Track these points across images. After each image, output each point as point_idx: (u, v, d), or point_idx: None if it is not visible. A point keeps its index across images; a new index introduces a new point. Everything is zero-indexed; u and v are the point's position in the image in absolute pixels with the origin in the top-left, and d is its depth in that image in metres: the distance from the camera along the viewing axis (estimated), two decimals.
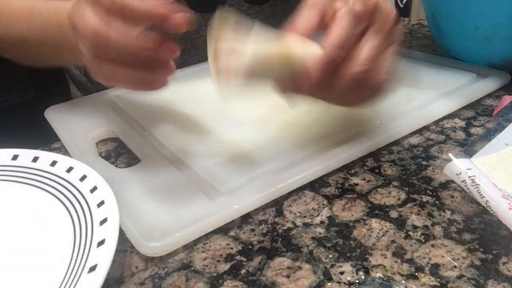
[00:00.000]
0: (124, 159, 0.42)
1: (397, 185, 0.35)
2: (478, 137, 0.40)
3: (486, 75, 0.49)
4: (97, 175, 0.33)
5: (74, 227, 0.30)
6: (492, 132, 0.40)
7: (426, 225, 0.31)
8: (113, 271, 0.29)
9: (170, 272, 0.29)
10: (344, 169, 0.37)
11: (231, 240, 0.31)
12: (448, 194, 0.33)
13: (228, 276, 0.28)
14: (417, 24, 0.73)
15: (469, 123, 0.43)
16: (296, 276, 0.27)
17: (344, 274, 0.27)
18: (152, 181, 0.36)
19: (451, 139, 0.41)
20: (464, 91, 0.46)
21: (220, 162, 0.38)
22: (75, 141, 0.43)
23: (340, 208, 0.33)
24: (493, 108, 0.45)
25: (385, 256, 0.28)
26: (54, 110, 0.50)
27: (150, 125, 0.45)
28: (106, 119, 0.47)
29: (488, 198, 0.29)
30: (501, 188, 0.29)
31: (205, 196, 0.33)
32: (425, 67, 0.53)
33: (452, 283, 0.26)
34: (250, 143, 0.40)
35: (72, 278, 0.26)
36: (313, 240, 0.30)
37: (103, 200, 0.31)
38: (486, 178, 0.29)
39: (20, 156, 0.37)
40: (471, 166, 0.30)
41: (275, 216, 0.33)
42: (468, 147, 0.38)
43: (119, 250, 0.30)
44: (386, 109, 0.43)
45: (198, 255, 0.30)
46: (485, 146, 0.37)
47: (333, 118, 0.43)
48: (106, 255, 0.26)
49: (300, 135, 0.41)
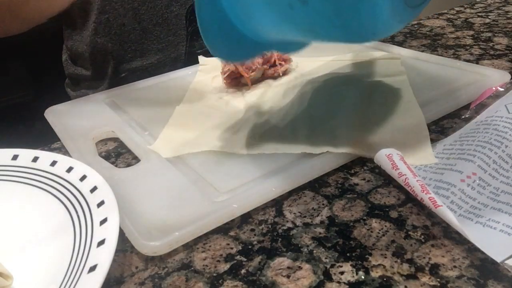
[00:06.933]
0: (124, 159, 0.42)
1: (397, 185, 0.35)
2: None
3: (487, 75, 0.49)
4: (97, 175, 0.33)
5: (74, 227, 0.30)
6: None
7: (426, 225, 0.31)
8: (113, 271, 0.29)
9: (170, 272, 0.29)
10: (344, 169, 0.37)
11: (231, 240, 0.31)
12: None
13: (228, 276, 0.28)
14: (417, 24, 0.73)
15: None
16: (296, 276, 0.27)
17: (344, 274, 0.27)
18: (152, 181, 0.36)
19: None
20: (464, 91, 0.46)
21: (220, 162, 0.38)
22: (75, 141, 0.43)
23: (340, 208, 0.33)
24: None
25: (385, 256, 0.28)
26: (54, 110, 0.50)
27: (150, 125, 0.45)
28: (106, 119, 0.47)
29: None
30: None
31: (205, 196, 0.33)
32: (425, 67, 0.53)
33: (452, 283, 0.26)
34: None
35: (72, 278, 0.26)
36: (313, 240, 0.30)
37: (103, 200, 0.31)
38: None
39: (20, 156, 0.37)
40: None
41: (275, 216, 0.33)
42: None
43: (119, 250, 0.30)
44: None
45: (198, 255, 0.30)
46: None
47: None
48: (106, 255, 0.26)
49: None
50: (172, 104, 0.49)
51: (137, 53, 0.67)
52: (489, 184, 0.32)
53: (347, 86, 0.50)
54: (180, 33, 0.67)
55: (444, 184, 0.32)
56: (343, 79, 0.52)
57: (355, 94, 0.48)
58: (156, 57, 0.68)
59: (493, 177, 0.32)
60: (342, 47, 0.61)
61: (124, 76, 0.68)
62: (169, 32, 0.66)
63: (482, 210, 0.30)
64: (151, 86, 0.56)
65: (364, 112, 0.44)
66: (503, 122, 0.36)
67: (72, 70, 0.73)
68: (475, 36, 0.65)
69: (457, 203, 0.31)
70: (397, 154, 0.34)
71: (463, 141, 0.36)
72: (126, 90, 0.55)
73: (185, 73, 0.58)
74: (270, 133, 0.42)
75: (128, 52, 0.66)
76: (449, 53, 0.60)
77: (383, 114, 0.43)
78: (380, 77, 0.51)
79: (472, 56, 0.58)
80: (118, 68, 0.68)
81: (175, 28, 0.66)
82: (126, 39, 0.65)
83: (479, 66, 0.52)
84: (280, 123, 0.43)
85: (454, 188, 0.32)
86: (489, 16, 0.74)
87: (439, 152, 0.37)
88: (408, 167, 0.33)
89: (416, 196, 0.31)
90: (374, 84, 0.49)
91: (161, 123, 0.45)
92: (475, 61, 0.56)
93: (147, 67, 0.68)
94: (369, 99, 0.46)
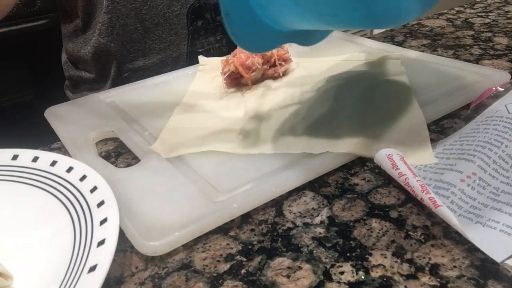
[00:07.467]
0: (124, 159, 0.42)
1: (397, 185, 0.35)
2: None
3: (487, 75, 0.49)
4: (97, 175, 0.33)
5: (74, 227, 0.30)
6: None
7: (426, 225, 0.31)
8: (113, 271, 0.29)
9: (170, 272, 0.29)
10: (344, 169, 0.37)
11: (231, 240, 0.31)
12: None
13: (228, 276, 0.28)
14: (417, 24, 0.73)
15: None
16: (296, 276, 0.27)
17: (344, 274, 0.27)
18: (152, 181, 0.36)
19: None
20: (464, 91, 0.46)
21: (220, 162, 0.38)
22: (75, 141, 0.43)
23: (340, 208, 0.33)
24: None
25: (385, 256, 0.28)
26: (54, 110, 0.50)
27: (150, 125, 0.45)
28: (106, 119, 0.47)
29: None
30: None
31: (205, 196, 0.33)
32: (425, 67, 0.53)
33: (452, 283, 0.26)
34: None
35: (72, 278, 0.26)
36: (313, 240, 0.30)
37: (103, 200, 0.31)
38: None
39: (20, 156, 0.37)
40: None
41: (275, 216, 0.33)
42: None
43: (119, 250, 0.30)
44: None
45: (198, 255, 0.30)
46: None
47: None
48: (106, 255, 0.26)
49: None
50: (172, 104, 0.49)
51: (140, 53, 0.67)
52: (489, 184, 0.32)
53: (347, 86, 0.50)
54: (182, 32, 0.67)
55: (444, 184, 0.32)
56: (343, 79, 0.52)
57: (355, 94, 0.48)
58: (158, 57, 0.68)
59: (493, 177, 0.32)
60: (342, 48, 0.61)
61: (126, 76, 0.68)
62: (171, 31, 0.66)
63: (482, 210, 0.30)
64: (151, 86, 0.56)
65: (364, 112, 0.44)
66: (503, 122, 0.36)
67: (73, 73, 0.73)
68: (475, 36, 0.65)
69: (457, 203, 0.31)
70: (397, 154, 0.34)
71: (463, 141, 0.36)
72: (126, 90, 0.55)
73: (185, 73, 0.58)
74: (270, 133, 0.42)
75: (131, 52, 0.67)
76: (449, 53, 0.60)
77: (383, 114, 0.43)
78: (380, 77, 0.51)
79: (472, 56, 0.58)
80: (120, 68, 0.68)
81: (177, 27, 0.67)
82: (129, 39, 0.65)
83: (479, 66, 0.52)
84: (280, 123, 0.43)
85: (454, 188, 0.32)
86: (489, 16, 0.74)
87: (439, 152, 0.37)
88: (408, 167, 0.33)
89: (416, 196, 0.31)
90: (374, 84, 0.49)
91: (161, 123, 0.45)
92: (475, 61, 0.56)
93: (150, 67, 0.68)
94: (369, 99, 0.46)
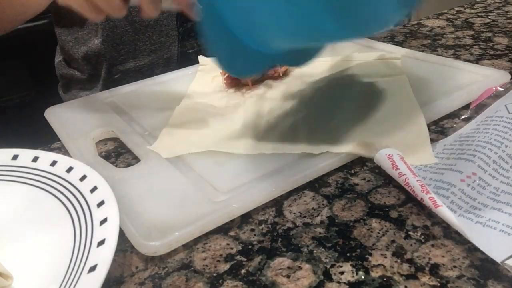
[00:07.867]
0: (124, 159, 0.42)
1: (397, 185, 0.35)
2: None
3: (487, 75, 0.49)
4: (97, 175, 0.33)
5: (74, 227, 0.30)
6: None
7: (426, 225, 0.31)
8: (113, 271, 0.29)
9: (170, 272, 0.29)
10: (344, 169, 0.37)
11: (231, 240, 0.31)
12: None
13: (228, 276, 0.28)
14: (417, 24, 0.73)
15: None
16: (296, 276, 0.27)
17: (344, 274, 0.27)
18: (152, 181, 0.36)
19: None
20: (464, 91, 0.46)
21: (220, 162, 0.38)
22: (75, 141, 0.43)
23: (340, 208, 0.33)
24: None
25: (385, 256, 0.28)
26: (54, 110, 0.50)
27: (150, 125, 0.45)
28: (106, 119, 0.47)
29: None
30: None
31: (205, 196, 0.33)
32: (425, 67, 0.53)
33: (452, 283, 0.26)
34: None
35: (72, 278, 0.26)
36: (313, 240, 0.30)
37: (103, 200, 0.31)
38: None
39: (20, 156, 0.37)
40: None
41: (275, 216, 0.33)
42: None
43: (119, 250, 0.30)
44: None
45: (198, 255, 0.30)
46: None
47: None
48: (106, 255, 0.26)
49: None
50: (172, 104, 0.49)
51: (130, 54, 0.67)
52: (489, 184, 0.32)
53: (347, 86, 0.50)
54: (172, 34, 0.67)
55: (444, 184, 0.32)
56: (343, 79, 0.52)
57: (355, 94, 0.48)
58: (149, 58, 0.68)
59: (493, 177, 0.32)
60: (341, 48, 0.61)
61: (117, 77, 0.68)
62: (161, 33, 0.67)
63: (482, 210, 0.30)
64: (151, 86, 0.56)
65: (364, 112, 0.44)
66: (503, 122, 0.36)
67: (66, 71, 0.74)
68: (475, 36, 0.65)
69: (457, 203, 0.31)
70: (397, 154, 0.34)
71: (463, 141, 0.36)
72: (126, 90, 0.55)
73: (185, 73, 0.58)
74: (270, 133, 0.42)
75: (121, 54, 0.67)
76: (449, 53, 0.60)
77: (383, 114, 0.43)
78: (380, 77, 0.51)
79: (472, 56, 0.58)
80: (111, 70, 0.68)
81: (167, 29, 0.67)
82: (119, 41, 0.66)
83: (479, 66, 0.52)
84: (280, 123, 0.43)
85: (454, 188, 0.32)
86: (489, 16, 0.74)
87: (439, 152, 0.37)
88: (408, 167, 0.33)
89: (416, 196, 0.31)
90: (374, 84, 0.49)
91: (161, 123, 0.45)
92: (475, 61, 0.56)
93: (140, 68, 0.68)
94: (369, 99, 0.46)
